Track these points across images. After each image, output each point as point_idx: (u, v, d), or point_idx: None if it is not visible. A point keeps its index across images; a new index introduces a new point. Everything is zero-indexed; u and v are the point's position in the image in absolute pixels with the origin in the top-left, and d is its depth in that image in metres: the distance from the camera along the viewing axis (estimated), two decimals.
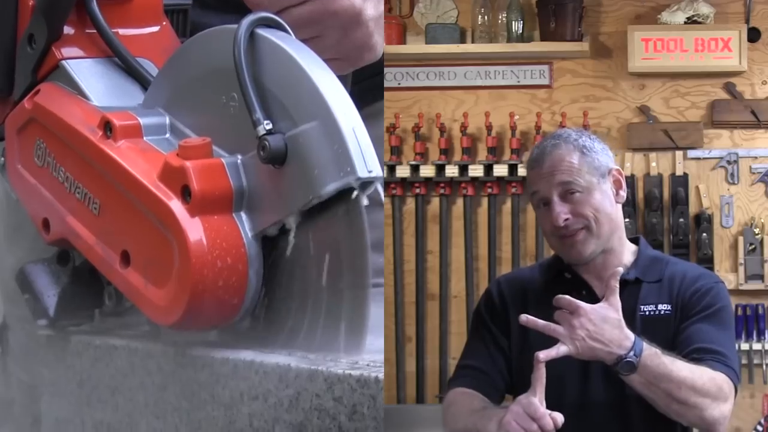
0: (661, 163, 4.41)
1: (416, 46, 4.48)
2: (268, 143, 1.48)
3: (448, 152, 4.45)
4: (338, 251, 1.49)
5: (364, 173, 1.46)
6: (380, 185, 1.49)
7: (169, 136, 1.63)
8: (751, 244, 4.37)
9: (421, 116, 4.46)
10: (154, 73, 1.71)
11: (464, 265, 4.45)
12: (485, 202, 4.46)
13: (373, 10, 1.72)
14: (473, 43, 4.47)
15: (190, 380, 1.56)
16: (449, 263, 4.47)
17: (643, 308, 2.24)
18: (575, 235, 2.21)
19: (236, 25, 1.53)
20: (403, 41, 4.49)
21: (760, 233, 4.38)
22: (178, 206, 1.51)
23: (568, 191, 2.21)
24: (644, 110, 4.43)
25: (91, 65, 1.72)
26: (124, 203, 1.57)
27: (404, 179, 4.44)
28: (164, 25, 1.78)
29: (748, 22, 4.37)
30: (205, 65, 1.59)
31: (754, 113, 4.38)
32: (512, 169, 4.39)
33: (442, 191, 4.45)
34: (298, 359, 1.46)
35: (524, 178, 4.34)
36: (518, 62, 4.47)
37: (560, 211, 2.20)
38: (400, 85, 4.49)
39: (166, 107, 1.64)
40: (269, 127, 1.49)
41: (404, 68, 4.49)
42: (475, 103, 4.49)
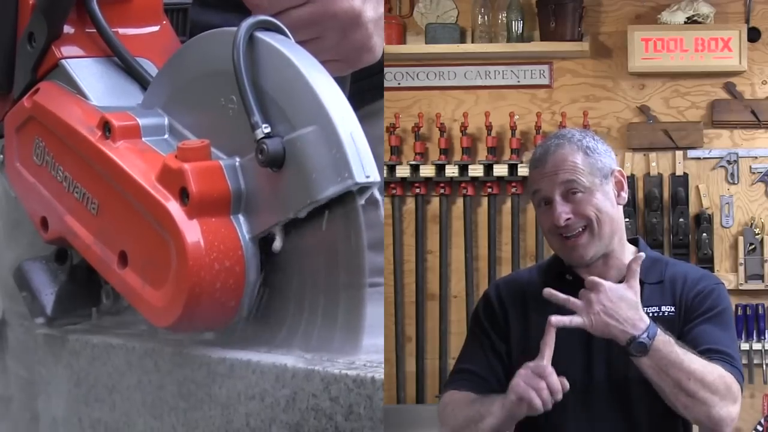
0: (661, 163, 4.40)
1: (416, 46, 4.48)
2: (266, 146, 1.48)
3: (448, 152, 4.44)
4: (335, 253, 1.49)
5: (361, 178, 1.46)
6: (378, 188, 1.49)
7: (167, 137, 1.63)
8: (751, 244, 4.36)
9: (421, 116, 4.46)
10: (153, 73, 1.71)
11: (464, 265, 4.45)
12: (485, 202, 4.45)
13: (372, 11, 1.72)
14: (473, 43, 4.46)
15: (187, 379, 1.56)
16: (449, 263, 4.47)
17: (646, 309, 2.22)
18: (578, 237, 2.20)
19: (235, 27, 1.53)
20: (403, 41, 4.49)
21: (760, 233, 4.38)
22: (176, 208, 1.50)
23: (570, 191, 2.21)
24: (644, 110, 4.43)
25: (90, 64, 1.72)
26: (122, 204, 1.57)
27: (404, 179, 4.44)
28: (164, 24, 1.78)
29: (748, 22, 4.37)
30: (204, 67, 1.59)
31: (754, 113, 4.38)
32: (512, 169, 4.38)
33: (442, 191, 4.45)
34: (295, 359, 1.46)
35: (525, 177, 4.35)
36: (518, 62, 4.46)
37: (562, 210, 2.19)
38: (400, 85, 4.49)
39: (164, 108, 1.64)
40: (267, 130, 1.49)
41: (404, 68, 4.49)
42: (475, 103, 4.49)
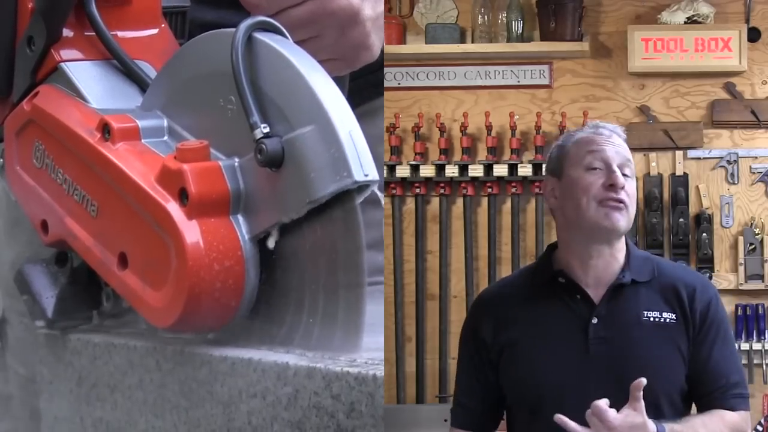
0: (661, 163, 4.40)
1: (416, 46, 4.48)
2: (265, 146, 1.48)
3: (448, 152, 4.44)
4: (334, 252, 1.49)
5: (360, 177, 1.46)
6: (377, 186, 1.49)
7: (167, 138, 1.63)
8: (751, 244, 4.37)
9: (421, 116, 4.46)
10: (152, 75, 1.71)
11: (464, 265, 4.45)
12: (485, 202, 4.45)
13: (370, 10, 1.72)
14: (473, 43, 4.47)
15: (188, 378, 1.56)
16: (449, 263, 4.47)
17: (647, 314, 2.24)
18: (620, 208, 2.19)
19: (233, 28, 1.53)
20: (403, 41, 4.49)
21: (760, 233, 4.38)
22: (175, 209, 1.50)
23: (625, 170, 2.22)
24: (644, 110, 4.43)
25: (89, 68, 1.72)
26: (121, 205, 1.57)
27: (404, 179, 4.44)
28: (162, 27, 1.78)
29: (748, 22, 4.37)
30: (203, 68, 1.59)
31: (754, 113, 4.38)
32: (512, 169, 4.38)
33: (442, 191, 4.45)
34: (296, 357, 1.47)
35: (524, 177, 4.36)
36: (518, 62, 4.46)
37: (622, 179, 2.20)
38: (400, 85, 4.49)
39: (163, 110, 1.64)
40: (266, 130, 1.49)
41: (404, 68, 4.49)
42: (475, 103, 4.49)
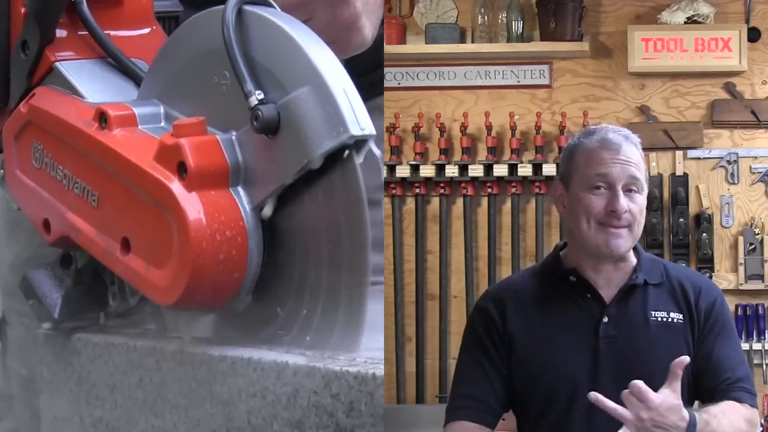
0: (661, 163, 4.40)
1: (416, 46, 4.48)
2: (260, 113, 1.50)
3: (448, 152, 4.44)
4: (336, 214, 1.49)
5: (357, 131, 1.47)
6: (374, 143, 1.50)
7: (164, 124, 1.64)
8: (751, 244, 4.36)
9: (421, 116, 4.45)
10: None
11: (464, 265, 4.44)
12: (485, 202, 4.45)
13: None
14: (473, 43, 4.46)
15: (188, 377, 1.56)
16: (449, 263, 4.46)
17: (654, 314, 2.25)
18: (620, 230, 2.20)
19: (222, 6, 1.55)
20: (403, 41, 4.49)
21: (760, 233, 4.38)
22: (174, 182, 1.51)
23: (631, 186, 2.21)
24: (644, 110, 4.43)
25: (84, 65, 1.74)
26: (121, 191, 1.58)
27: (404, 179, 4.43)
28: (155, 28, 1.80)
29: (748, 22, 4.37)
30: (195, 49, 1.61)
31: (754, 113, 4.38)
32: (512, 169, 4.38)
33: (442, 191, 4.45)
34: (295, 356, 1.47)
35: (524, 177, 4.36)
36: (518, 62, 4.46)
37: (624, 202, 2.19)
38: (400, 85, 4.49)
39: (159, 97, 1.66)
40: (261, 96, 1.50)
41: (404, 68, 4.49)
42: (475, 103, 4.49)
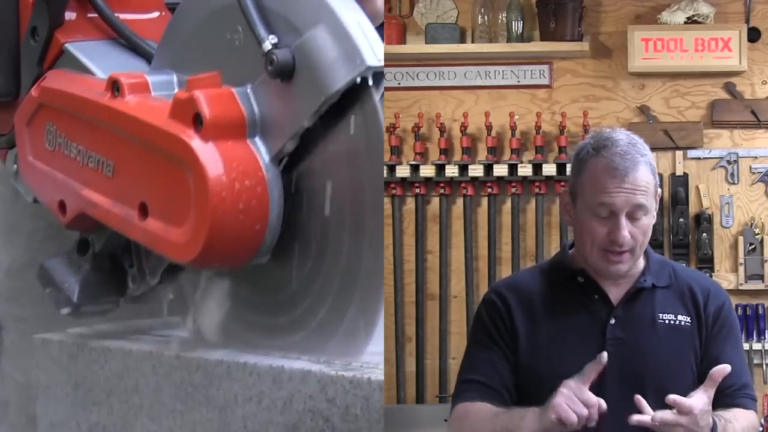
0: (661, 163, 4.40)
1: (416, 46, 4.47)
2: (275, 57, 1.49)
3: (448, 152, 4.44)
4: (355, 154, 1.48)
5: (374, 62, 1.46)
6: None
7: (177, 91, 1.64)
8: (751, 244, 4.36)
9: (421, 116, 4.45)
10: None
11: (464, 265, 4.44)
12: (485, 201, 4.45)
13: None
14: (473, 43, 4.46)
15: (184, 382, 1.56)
16: (449, 263, 4.46)
17: (662, 316, 2.25)
18: (623, 255, 2.19)
19: None
20: (403, 41, 4.49)
21: (760, 233, 4.37)
22: (190, 134, 1.50)
23: (636, 213, 2.19)
24: (644, 110, 4.43)
25: (95, 46, 1.76)
26: (137, 155, 1.57)
27: (404, 179, 4.43)
28: (164, 14, 1.81)
29: (748, 22, 4.37)
30: (205, 10, 1.61)
31: (754, 113, 4.38)
32: (512, 169, 4.38)
33: (442, 191, 4.45)
34: (291, 361, 1.47)
35: (524, 177, 4.36)
36: (518, 62, 4.46)
37: (626, 231, 2.17)
38: (400, 85, 4.49)
39: (172, 66, 1.66)
40: (275, 41, 1.49)
41: (404, 68, 4.49)
42: (475, 103, 4.48)
